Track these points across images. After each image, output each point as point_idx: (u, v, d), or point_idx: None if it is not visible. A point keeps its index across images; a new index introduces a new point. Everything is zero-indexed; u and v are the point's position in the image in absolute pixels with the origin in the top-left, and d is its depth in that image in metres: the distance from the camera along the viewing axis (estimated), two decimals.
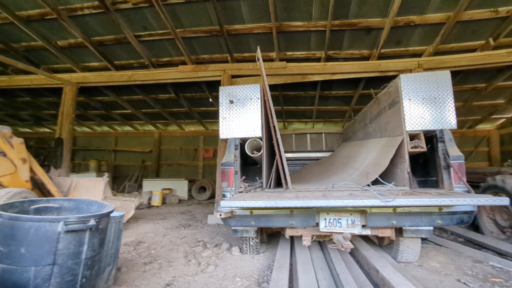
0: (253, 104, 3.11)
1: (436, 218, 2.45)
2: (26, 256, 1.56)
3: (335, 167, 4.44)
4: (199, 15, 5.56)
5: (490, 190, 5.20)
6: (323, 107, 9.14)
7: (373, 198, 2.11)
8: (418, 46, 5.89)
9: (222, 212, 2.51)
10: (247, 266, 3.30)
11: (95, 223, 1.76)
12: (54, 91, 8.71)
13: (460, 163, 2.57)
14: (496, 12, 4.93)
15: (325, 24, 5.43)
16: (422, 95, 2.80)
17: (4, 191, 2.90)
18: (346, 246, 2.36)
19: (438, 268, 3.53)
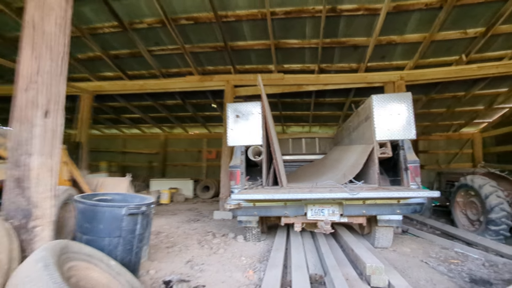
0: (255, 118, 3.86)
1: (395, 208, 3.19)
2: (103, 230, 2.29)
3: (325, 168, 5.16)
4: (206, 33, 6.29)
5: (462, 188, 5.97)
6: (318, 112, 9.90)
7: (344, 192, 2.85)
8: (400, 60, 6.63)
9: (232, 204, 3.24)
10: (250, 250, 4.04)
11: (145, 209, 2.50)
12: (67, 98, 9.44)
13: (415, 166, 3.30)
14: (465, 33, 5.68)
15: (317, 42, 6.17)
16: (389, 111, 3.53)
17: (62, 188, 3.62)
18: (327, 229, 3.10)
19: (408, 252, 4.27)
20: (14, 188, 1.77)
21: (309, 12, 5.43)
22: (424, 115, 9.67)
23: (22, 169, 1.78)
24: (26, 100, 1.82)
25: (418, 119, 10.01)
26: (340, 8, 5.30)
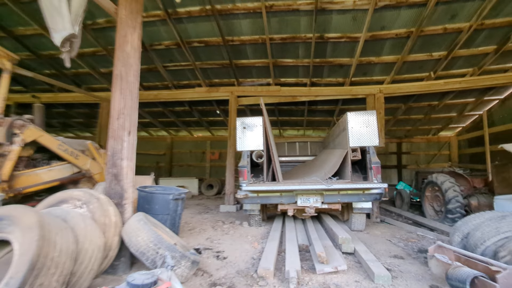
0: (258, 129, 4.96)
1: (361, 196, 4.33)
2: (158, 209, 3.39)
3: (314, 167, 6.28)
4: (214, 53, 7.39)
5: (430, 184, 7.15)
6: (311, 118, 11.05)
7: (323, 185, 3.97)
8: (380, 76, 7.78)
9: (241, 194, 4.34)
10: (254, 232, 5.15)
11: (183, 196, 3.61)
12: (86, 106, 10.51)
13: (377, 166, 4.43)
14: (431, 55, 6.84)
15: (309, 61, 7.30)
16: (359, 125, 4.66)
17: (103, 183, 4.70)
18: (311, 212, 4.23)
19: (378, 234, 5.41)
20: (112, 180, 2.85)
21: (301, 38, 6.56)
22: (405, 121, 10.87)
23: (117, 168, 2.86)
24: (118, 125, 2.90)
25: (401, 124, 11.27)
26: (327, 36, 6.43)
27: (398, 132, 12.06)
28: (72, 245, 1.83)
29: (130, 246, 2.46)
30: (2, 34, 6.84)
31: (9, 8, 6.08)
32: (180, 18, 6.29)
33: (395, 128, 11.58)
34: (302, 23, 6.16)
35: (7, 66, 3.74)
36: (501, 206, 4.52)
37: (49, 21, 2.63)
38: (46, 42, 7.28)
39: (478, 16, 5.52)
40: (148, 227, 2.48)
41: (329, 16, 5.89)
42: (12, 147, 3.63)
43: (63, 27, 2.59)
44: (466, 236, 3.17)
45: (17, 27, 6.83)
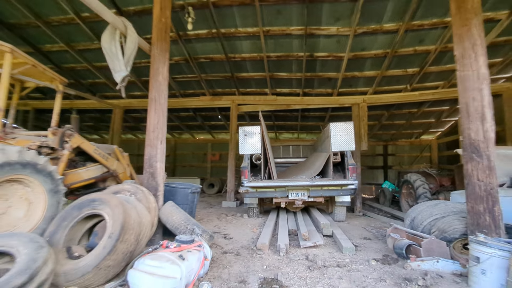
0: (256, 136, 5.99)
1: (340, 191, 5.38)
2: (179, 200, 4.39)
3: (305, 168, 7.32)
4: (218, 67, 8.41)
5: (405, 183, 8.23)
6: (305, 123, 12.11)
7: (308, 181, 5.00)
8: (363, 87, 8.85)
9: (243, 190, 5.36)
10: (253, 222, 6.17)
11: (198, 190, 4.63)
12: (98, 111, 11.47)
13: (352, 167, 5.46)
14: (406, 71, 7.92)
15: (301, 75, 8.35)
16: (340, 133, 5.70)
17: (129, 181, 5.69)
18: (299, 204, 5.27)
19: (357, 224, 6.46)
20: (149, 177, 3.85)
21: (294, 56, 7.61)
22: (390, 126, 11.96)
23: (153, 168, 3.85)
24: (153, 136, 3.91)
25: (386, 128, 12.38)
26: (316, 55, 7.48)
27: (384, 136, 13.17)
28: (137, 217, 2.84)
29: (167, 223, 3.47)
30: (32, 50, 7.80)
31: (42, 29, 7.04)
32: (189, 39, 7.30)
33: (381, 132, 12.67)
34: (294, 44, 7.20)
35: (60, 88, 4.72)
36: (455, 199, 5.55)
37: (110, 64, 3.63)
38: (68, 57, 8.27)
39: (441, 41, 6.60)
40: (180, 210, 3.49)
41: (317, 39, 6.94)
42: (63, 151, 4.61)
43: (120, 69, 3.59)
44: (413, 220, 4.22)
45: (45, 44, 7.80)
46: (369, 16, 6.09)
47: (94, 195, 2.93)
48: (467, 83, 3.37)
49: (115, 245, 2.45)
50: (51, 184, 3.68)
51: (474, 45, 3.35)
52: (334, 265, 3.47)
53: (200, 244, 2.80)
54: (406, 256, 3.54)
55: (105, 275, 2.47)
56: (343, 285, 2.86)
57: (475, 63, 3.34)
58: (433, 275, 3.00)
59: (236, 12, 6.37)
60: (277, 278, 2.96)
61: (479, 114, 3.28)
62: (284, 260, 3.64)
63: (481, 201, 3.20)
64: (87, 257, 2.42)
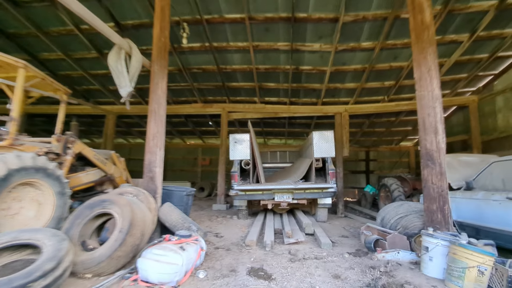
0: (246, 143, 6.50)
1: (321, 194, 5.94)
2: (175, 202, 4.82)
3: (291, 173, 7.86)
4: (210, 77, 8.91)
5: (383, 187, 8.91)
6: (292, 129, 12.72)
7: (292, 185, 5.54)
8: (345, 98, 9.54)
9: (233, 192, 5.83)
10: (242, 222, 6.64)
11: (193, 193, 5.08)
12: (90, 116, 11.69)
13: (332, 172, 6.05)
14: (383, 84, 8.66)
15: (287, 86, 8.95)
16: (322, 141, 6.29)
17: (127, 185, 6.06)
18: (284, 205, 5.79)
19: (337, 224, 7.03)
20: (149, 181, 4.28)
21: (281, 69, 8.20)
22: (371, 133, 12.74)
23: (152, 173, 4.28)
24: (153, 144, 4.34)
25: (368, 135, 13.16)
26: (301, 68, 8.10)
27: (366, 142, 13.96)
28: (142, 216, 3.27)
29: (166, 221, 3.91)
30: (29, 58, 8.06)
31: (40, 39, 7.35)
32: (183, 51, 7.78)
33: (363, 139, 13.45)
34: (282, 58, 7.80)
35: (64, 98, 5.09)
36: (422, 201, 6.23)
37: (116, 80, 4.06)
38: (65, 65, 8.58)
39: None
40: (177, 210, 3.94)
41: (302, 54, 7.56)
42: (67, 157, 4.98)
43: (125, 85, 4.03)
44: (383, 218, 4.82)
45: (42, 53, 8.09)
46: (348, 36, 6.75)
47: (104, 196, 3.35)
48: (423, 102, 4.01)
49: (125, 238, 2.88)
50: (59, 187, 4.06)
51: (429, 70, 4.00)
52: (312, 258, 3.99)
53: (197, 238, 3.27)
54: (374, 249, 4.11)
55: (116, 264, 2.90)
56: (318, 272, 3.38)
57: (430, 85, 3.98)
58: (393, 264, 3.57)
59: (228, 29, 6.91)
60: (262, 268, 3.45)
61: (433, 128, 3.92)
62: (269, 254, 4.13)
63: (434, 201, 3.82)
64: (101, 249, 2.84)
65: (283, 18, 6.39)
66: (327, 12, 6.14)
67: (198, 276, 3.02)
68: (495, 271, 2.73)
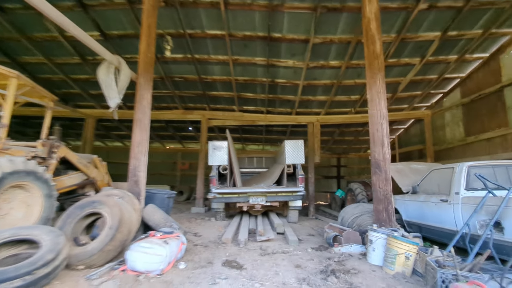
0: (224, 149, 7.03)
1: (291, 197, 6.60)
2: (157, 204, 5.22)
3: (265, 177, 8.48)
4: (191, 86, 9.36)
5: (349, 191, 9.76)
6: (269, 136, 13.41)
7: (265, 189, 6.13)
8: (317, 109, 10.37)
9: (211, 195, 6.32)
10: (219, 224, 7.12)
11: (174, 196, 5.51)
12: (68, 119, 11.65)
13: (301, 177, 6.73)
14: (350, 98, 9.57)
15: (264, 96, 9.61)
16: (293, 149, 6.97)
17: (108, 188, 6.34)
18: (259, 207, 6.37)
19: (307, 225, 7.70)
20: (133, 185, 4.66)
21: (258, 81, 8.85)
22: (341, 141, 13.73)
23: (136, 177, 4.67)
24: (137, 150, 4.75)
25: (339, 143, 14.13)
26: (277, 80, 8.80)
27: (337, 149, 14.97)
28: (129, 215, 3.69)
29: (149, 221, 4.32)
30: (8, 61, 8.09)
31: (23, 43, 7.46)
32: (166, 61, 8.20)
33: (334, 146, 14.43)
34: (259, 71, 8.45)
35: (51, 104, 5.35)
36: None
37: (105, 92, 4.44)
38: (46, 69, 8.67)
39: None
40: (160, 211, 4.38)
41: (277, 69, 8.26)
42: (52, 161, 5.24)
43: (114, 96, 4.42)
44: (343, 218, 5.54)
45: (23, 56, 8.15)
46: (318, 55, 7.54)
47: (94, 197, 3.74)
48: (373, 119, 4.78)
49: (115, 234, 3.30)
50: (47, 189, 4.37)
51: (378, 92, 4.79)
52: (280, 252, 4.58)
53: (178, 234, 3.75)
54: (332, 244, 4.78)
55: (106, 257, 3.30)
56: (283, 263, 3.97)
57: (378, 105, 4.76)
58: (346, 255, 4.25)
59: (209, 43, 7.45)
60: (236, 260, 3.99)
61: (380, 141, 4.69)
62: (243, 249, 4.67)
63: (381, 203, 4.56)
64: (93, 243, 3.24)
65: (260, 37, 7.03)
66: (299, 34, 6.88)
67: (179, 267, 3.50)
68: (418, 256, 3.46)
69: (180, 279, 3.12)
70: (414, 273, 3.45)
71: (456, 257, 3.07)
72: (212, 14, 6.49)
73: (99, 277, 3.01)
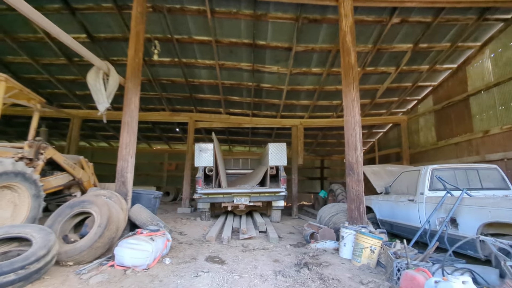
0: (209, 151, 7.29)
1: (274, 197, 6.93)
2: (144, 204, 5.43)
3: (250, 178, 8.78)
4: (178, 88, 9.55)
5: (330, 191, 10.22)
6: (255, 138, 13.74)
7: (248, 189, 6.44)
8: (301, 112, 10.79)
9: (197, 196, 6.55)
10: (205, 223, 7.36)
11: (160, 196, 5.72)
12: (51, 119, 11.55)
13: (283, 178, 7.08)
14: (332, 103, 10.03)
15: (250, 100, 9.93)
16: (276, 151, 7.31)
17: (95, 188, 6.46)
18: (242, 207, 6.66)
19: (289, 224, 8.06)
20: (121, 185, 4.85)
21: (244, 85, 9.16)
22: (325, 143, 14.24)
23: (124, 178, 4.87)
24: (125, 152, 4.94)
25: (322, 145, 14.61)
26: (262, 85, 9.13)
27: (320, 152, 15.48)
28: (117, 214, 3.90)
29: (136, 220, 4.53)
30: None
31: (7, 43, 7.46)
32: (153, 64, 8.37)
33: (318, 149, 14.93)
34: (245, 76, 8.76)
35: (38, 107, 5.44)
36: None
37: (94, 96, 4.61)
38: (30, 69, 8.66)
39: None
40: (146, 210, 4.60)
41: (262, 74, 8.59)
42: (39, 162, 5.34)
43: (103, 101, 4.59)
44: (320, 217, 5.92)
45: (6, 56, 8.11)
46: (301, 62, 7.93)
47: (83, 197, 3.93)
48: (348, 125, 5.18)
49: (103, 232, 3.51)
50: (35, 190, 4.51)
51: (353, 100, 5.19)
52: (260, 249, 4.89)
53: (164, 232, 3.99)
54: (309, 241, 5.14)
55: (95, 254, 3.51)
56: (262, 258, 4.28)
57: (352, 112, 5.17)
58: (320, 250, 4.61)
59: (196, 48, 7.69)
60: (218, 256, 4.27)
61: (354, 146, 5.09)
62: (225, 247, 4.95)
63: (353, 202, 4.96)
64: (82, 240, 3.44)
65: (246, 44, 7.34)
66: (282, 42, 7.23)
67: (164, 262, 3.74)
68: (382, 250, 3.85)
69: (165, 272, 3.37)
70: (379, 265, 3.84)
71: (412, 249, 3.47)
72: (199, 21, 6.75)
73: (88, 272, 3.22)
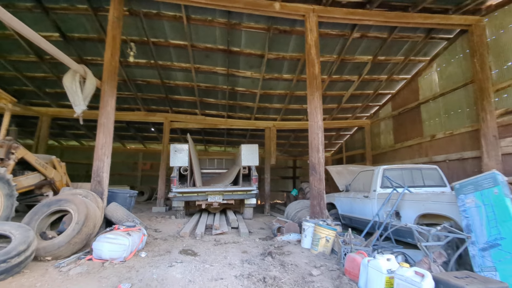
0: (184, 152, 7.57)
1: (245, 195, 7.39)
2: (119, 202, 5.62)
3: (224, 177, 9.17)
4: (154, 89, 9.68)
5: (300, 190, 10.88)
6: (230, 138, 14.11)
7: (221, 188, 6.83)
8: (274, 115, 11.34)
9: (172, 195, 6.82)
10: (179, 221, 7.62)
11: (135, 195, 5.94)
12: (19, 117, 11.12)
13: (255, 177, 7.56)
14: (302, 106, 10.68)
15: (225, 102, 10.30)
16: (249, 152, 7.77)
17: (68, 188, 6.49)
18: (216, 205, 7.04)
19: (261, 220, 8.54)
20: (97, 184, 5.02)
21: (220, 88, 9.51)
22: (297, 144, 14.96)
23: (100, 178, 5.03)
24: (101, 152, 5.11)
25: (295, 146, 15.32)
26: (237, 88, 9.54)
27: (293, 152, 16.21)
28: (94, 211, 4.12)
29: (112, 218, 4.75)
30: None
31: None
32: (129, 65, 8.46)
33: (291, 149, 15.63)
34: (220, 79, 9.12)
35: (9, 106, 5.42)
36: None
37: (71, 99, 4.73)
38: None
39: (325, 90, 9.46)
40: (122, 208, 4.83)
41: (237, 78, 9.00)
42: (9, 162, 5.35)
43: (79, 103, 4.74)
44: (287, 213, 6.46)
45: None
46: (273, 68, 8.45)
47: (60, 196, 4.10)
48: (312, 129, 5.76)
49: (81, 228, 3.75)
50: (8, 189, 4.60)
51: (316, 107, 5.78)
52: (231, 242, 5.32)
53: (140, 228, 4.28)
54: (276, 234, 5.65)
55: (72, 249, 3.73)
56: (232, 250, 4.71)
57: (316, 118, 5.75)
58: (285, 242, 5.13)
59: (172, 51, 7.93)
60: (191, 249, 4.63)
61: (316, 148, 5.67)
62: (199, 241, 5.31)
63: (315, 199, 5.54)
64: (60, 236, 3.65)
65: (221, 49, 7.71)
66: (255, 49, 7.70)
67: (140, 255, 4.04)
68: (336, 239, 4.44)
69: (141, 264, 3.69)
70: (333, 252, 4.42)
71: (361, 238, 4.08)
72: (175, 26, 7.01)
73: (67, 265, 3.46)
